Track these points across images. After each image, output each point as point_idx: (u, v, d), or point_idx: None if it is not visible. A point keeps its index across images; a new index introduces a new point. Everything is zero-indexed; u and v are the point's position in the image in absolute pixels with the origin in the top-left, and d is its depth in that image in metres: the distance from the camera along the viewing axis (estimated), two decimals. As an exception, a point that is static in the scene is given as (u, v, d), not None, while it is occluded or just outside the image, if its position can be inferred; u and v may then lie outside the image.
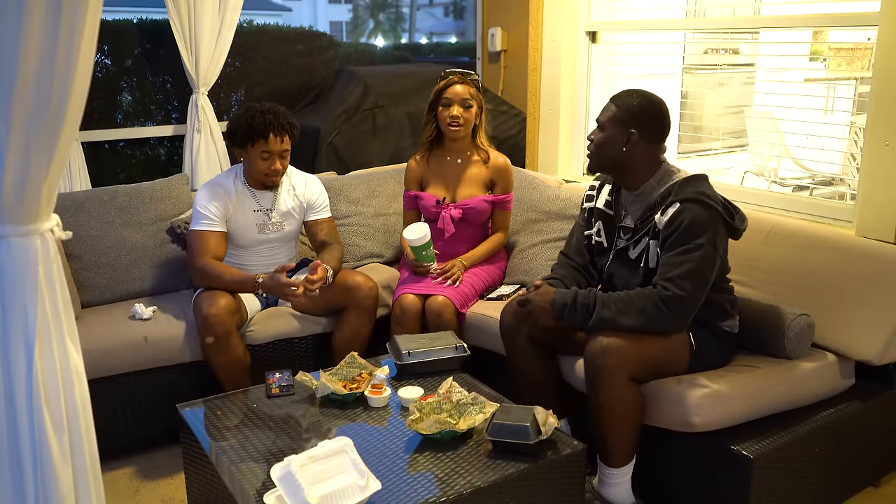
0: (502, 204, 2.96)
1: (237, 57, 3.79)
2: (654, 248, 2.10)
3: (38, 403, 1.56)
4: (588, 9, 3.64)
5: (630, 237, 2.19)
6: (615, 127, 2.16)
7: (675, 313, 2.00)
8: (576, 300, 2.09)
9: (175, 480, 2.49)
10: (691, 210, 2.02)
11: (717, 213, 2.04)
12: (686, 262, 2.00)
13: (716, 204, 2.05)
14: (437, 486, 1.71)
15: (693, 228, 2.01)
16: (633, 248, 2.17)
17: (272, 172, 2.66)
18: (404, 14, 4.96)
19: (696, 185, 2.09)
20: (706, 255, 2.00)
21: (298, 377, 2.18)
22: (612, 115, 2.17)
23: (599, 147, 2.20)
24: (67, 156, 1.56)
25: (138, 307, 2.66)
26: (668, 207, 2.06)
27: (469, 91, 2.87)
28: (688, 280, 1.98)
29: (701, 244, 2.00)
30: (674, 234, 2.04)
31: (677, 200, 2.05)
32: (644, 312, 2.00)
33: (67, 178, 3.21)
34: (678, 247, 2.02)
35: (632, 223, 2.20)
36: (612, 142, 2.16)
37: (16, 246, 1.52)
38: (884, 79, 2.42)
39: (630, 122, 2.14)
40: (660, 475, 2.17)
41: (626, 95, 2.19)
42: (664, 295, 1.99)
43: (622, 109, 2.16)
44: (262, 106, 2.61)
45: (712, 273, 2.04)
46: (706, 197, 2.04)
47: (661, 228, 2.07)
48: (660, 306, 1.99)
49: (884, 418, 2.31)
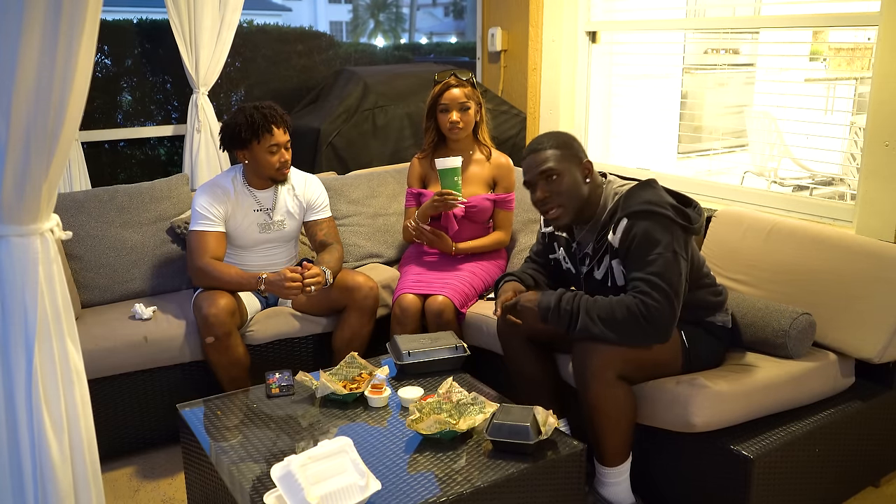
0: (504, 203, 2.96)
1: (237, 57, 3.79)
2: (617, 266, 2.07)
3: (37, 403, 1.57)
4: (588, 9, 3.64)
5: (589, 261, 2.15)
6: (569, 164, 2.07)
7: (652, 325, 1.94)
8: (559, 304, 2.03)
9: (175, 480, 2.49)
10: (640, 224, 1.97)
11: (668, 219, 1.98)
12: (651, 274, 1.94)
13: (664, 209, 1.98)
14: (437, 486, 1.71)
15: (647, 241, 1.96)
16: (598, 268, 2.13)
17: (283, 164, 2.67)
18: (404, 14, 4.96)
19: (639, 195, 2.03)
20: (667, 263, 1.95)
21: (298, 377, 2.18)
22: (559, 155, 2.07)
23: (568, 194, 2.07)
24: (67, 156, 1.56)
25: (138, 307, 2.66)
26: (618, 224, 2.02)
27: (465, 93, 2.87)
28: (659, 291, 1.93)
29: (660, 253, 1.95)
30: (630, 250, 1.99)
31: (624, 216, 2.01)
32: (630, 332, 1.95)
33: (67, 178, 3.22)
34: (638, 261, 1.98)
35: (590, 248, 2.15)
36: (575, 180, 2.07)
37: (16, 246, 1.52)
38: (884, 79, 2.42)
39: (577, 153, 2.10)
40: (660, 475, 2.18)
41: (547, 138, 2.11)
42: (643, 310, 1.93)
43: (561, 146, 2.08)
44: (252, 104, 2.63)
45: (679, 278, 1.98)
46: (653, 205, 1.98)
47: (617, 246, 2.03)
48: (640, 322, 1.93)
49: (884, 418, 2.31)
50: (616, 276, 2.08)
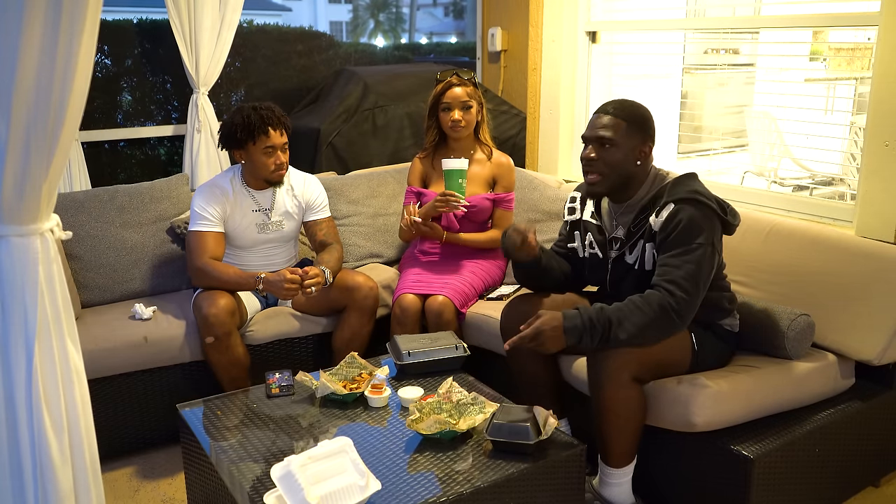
0: (503, 202, 2.96)
1: (237, 57, 3.79)
2: (651, 250, 2.08)
3: (37, 403, 1.56)
4: (588, 9, 3.64)
5: (621, 246, 2.15)
6: (629, 140, 2.06)
7: (682, 318, 1.96)
8: (593, 324, 1.93)
9: (175, 480, 2.49)
10: (687, 210, 2.00)
11: (713, 211, 2.02)
12: (687, 262, 1.97)
13: (710, 202, 2.02)
14: (437, 486, 1.71)
15: (691, 228, 1.98)
16: (630, 253, 2.14)
17: (278, 167, 2.66)
18: (404, 14, 4.96)
19: (688, 184, 2.07)
20: (705, 255, 1.98)
21: (298, 377, 2.18)
22: (624, 129, 2.05)
23: (613, 166, 2.06)
24: (67, 156, 1.56)
25: (138, 307, 2.66)
26: (663, 209, 2.03)
27: (467, 91, 2.88)
28: (690, 282, 1.95)
29: (701, 244, 1.98)
30: (671, 235, 2.00)
31: (671, 201, 2.02)
32: (660, 328, 1.94)
33: (67, 178, 3.22)
34: (677, 247, 1.99)
35: (623, 232, 2.15)
36: (626, 158, 2.06)
37: (16, 246, 1.52)
38: (884, 79, 2.42)
39: (643, 132, 2.08)
40: (660, 475, 2.17)
41: (625, 106, 2.09)
42: (673, 304, 1.93)
43: (632, 121, 2.06)
44: (251, 104, 2.63)
45: (711, 272, 2.02)
46: (700, 195, 2.02)
47: (657, 230, 2.04)
48: (671, 316, 1.93)
49: (884, 418, 2.31)
50: (647, 260, 2.09)
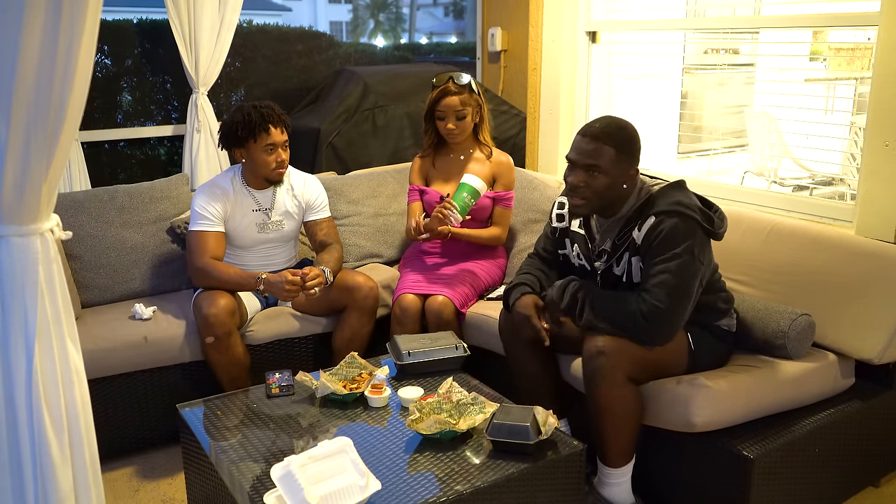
0: (502, 200, 2.96)
1: (237, 57, 3.79)
2: (637, 263, 2.07)
3: (37, 403, 1.57)
4: (588, 9, 3.64)
5: (608, 258, 2.15)
6: (616, 167, 2.02)
7: (652, 325, 1.96)
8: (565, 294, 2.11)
9: (175, 480, 2.49)
10: (668, 222, 1.98)
11: (695, 222, 2.00)
12: (663, 272, 1.96)
13: (692, 212, 2.00)
14: (437, 486, 1.71)
15: (672, 239, 1.97)
16: (617, 265, 2.13)
17: (279, 164, 2.66)
18: (404, 14, 4.95)
19: (671, 195, 2.04)
20: (683, 265, 1.96)
21: (298, 377, 2.18)
22: (613, 156, 2.01)
23: (600, 193, 2.04)
24: (67, 156, 1.56)
25: (138, 307, 2.66)
26: (645, 221, 2.03)
27: (461, 99, 2.85)
28: (662, 290, 1.95)
29: (678, 254, 1.96)
30: (651, 246, 2.00)
31: (653, 214, 2.01)
32: (630, 330, 1.99)
33: (67, 178, 3.22)
34: (656, 257, 1.99)
35: (609, 245, 2.15)
36: (614, 183, 2.04)
37: (16, 246, 1.52)
38: (884, 79, 2.42)
39: (631, 156, 2.06)
40: (660, 475, 2.17)
41: (611, 129, 2.03)
42: (644, 309, 1.96)
43: (620, 148, 2.01)
44: (251, 103, 2.63)
45: (693, 281, 2.00)
46: (682, 206, 2.00)
47: (640, 243, 2.04)
48: (638, 319, 1.97)
49: (884, 418, 2.31)
50: (634, 273, 2.09)
